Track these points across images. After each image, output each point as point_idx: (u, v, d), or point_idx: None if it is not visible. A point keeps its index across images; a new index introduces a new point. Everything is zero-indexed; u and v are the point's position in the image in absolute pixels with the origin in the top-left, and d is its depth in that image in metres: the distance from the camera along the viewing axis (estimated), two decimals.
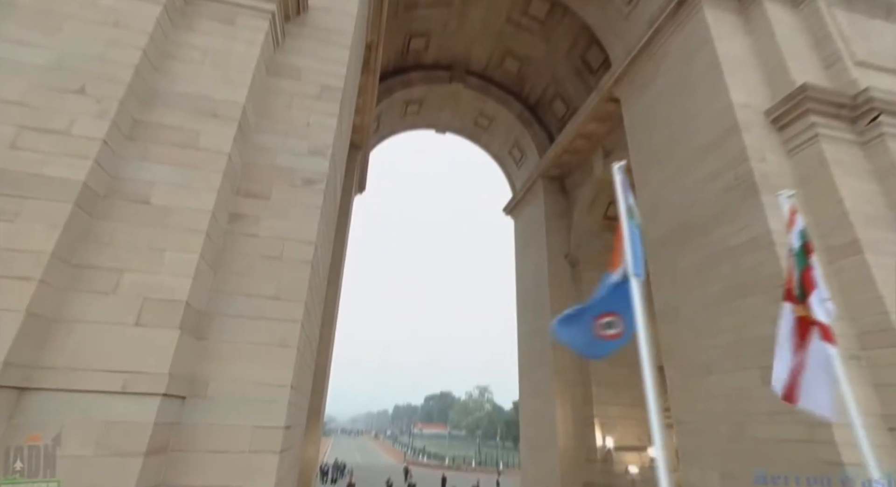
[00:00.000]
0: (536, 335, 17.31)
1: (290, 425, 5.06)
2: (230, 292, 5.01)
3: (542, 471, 15.33)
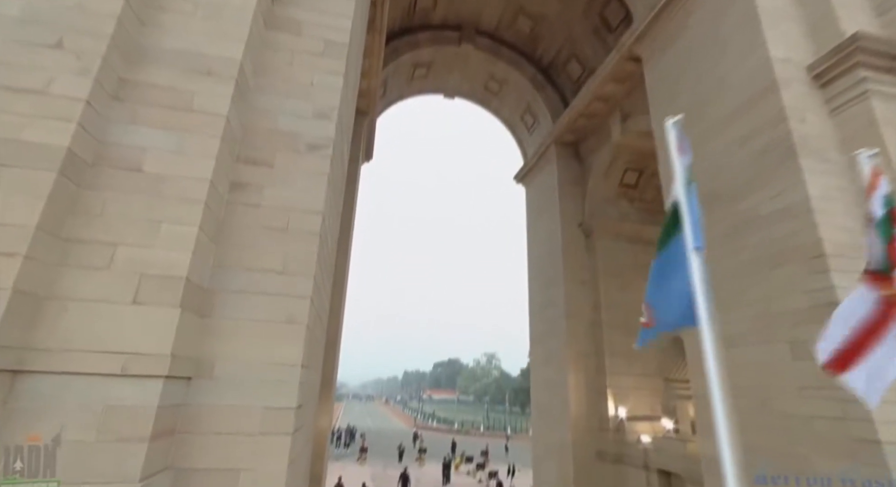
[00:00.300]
0: (549, 304, 17.08)
1: (301, 404, 4.85)
2: (233, 266, 4.70)
3: (553, 439, 15.45)
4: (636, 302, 12.67)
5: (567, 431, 14.45)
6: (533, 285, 19.14)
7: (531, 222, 20.48)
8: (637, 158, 16.91)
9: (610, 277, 16.00)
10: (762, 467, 7.03)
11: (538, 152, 19.79)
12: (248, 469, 4.10)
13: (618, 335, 15.11)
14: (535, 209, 20.21)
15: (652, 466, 12.03)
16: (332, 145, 5.54)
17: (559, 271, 16.71)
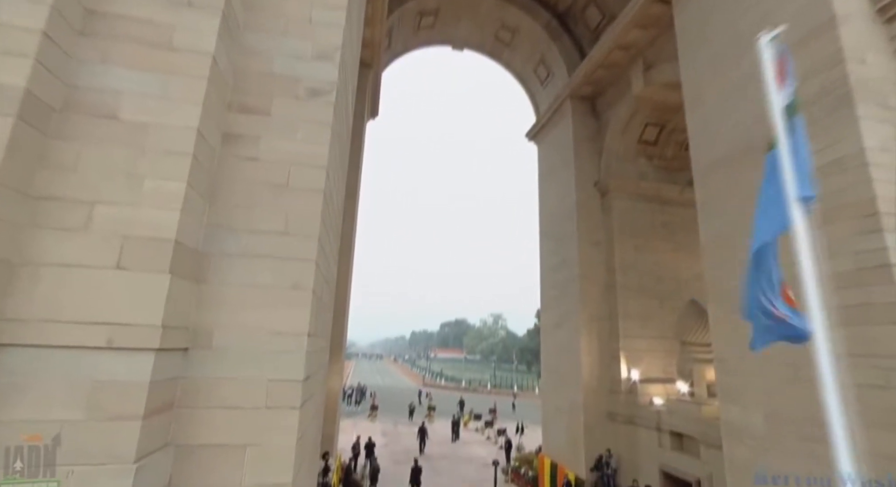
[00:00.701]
0: (562, 266, 16.67)
1: (309, 375, 4.52)
2: (230, 227, 4.24)
3: (563, 400, 15.48)
4: (652, 264, 12.28)
5: (578, 393, 14.41)
6: (544, 246, 18.67)
7: (543, 182, 19.74)
8: (658, 112, 15.92)
9: (626, 237, 15.45)
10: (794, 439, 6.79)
11: (552, 107, 18.75)
12: (254, 445, 3.81)
13: (632, 297, 14.75)
14: (548, 168, 19.41)
15: (664, 428, 11.97)
16: (335, 91, 4.92)
17: (573, 232, 16.17)
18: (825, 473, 6.55)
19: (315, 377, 5.10)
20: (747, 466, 8.08)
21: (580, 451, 13.83)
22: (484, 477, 18.21)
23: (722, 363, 8.86)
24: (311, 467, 5.57)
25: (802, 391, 7.19)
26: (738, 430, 8.34)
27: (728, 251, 9.01)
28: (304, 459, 4.64)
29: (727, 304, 8.88)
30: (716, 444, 10.29)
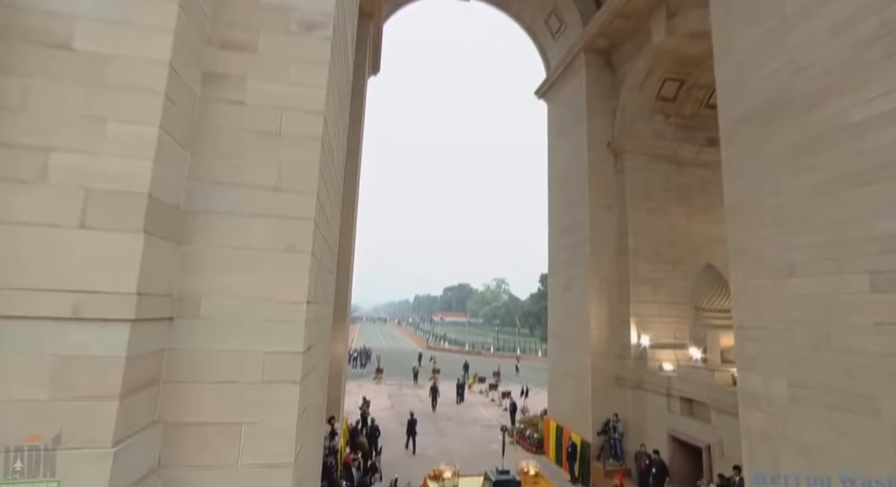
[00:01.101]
0: (571, 230, 16.15)
1: (311, 345, 4.12)
2: (216, 181, 3.72)
3: (570, 365, 15.36)
4: (665, 227, 11.69)
5: (586, 357, 14.25)
6: (553, 209, 18.07)
7: (553, 142, 18.89)
8: (679, 65, 14.89)
9: (639, 200, 14.82)
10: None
11: (564, 62, 17.63)
12: (251, 423, 3.45)
13: (644, 261, 14.30)
14: (558, 127, 18.51)
15: (674, 393, 11.82)
16: (332, 24, 4.25)
17: (583, 195, 15.54)
18: (844, 443, 6.25)
19: (317, 346, 4.72)
20: (764, 434, 7.86)
21: (587, 415, 13.81)
22: (489, 438, 18.47)
23: (743, 331, 8.48)
24: (317, 440, 5.32)
25: (833, 358, 6.83)
26: (756, 398, 8.07)
27: (754, 213, 8.44)
28: (308, 434, 4.33)
29: (751, 268, 8.41)
30: (728, 410, 10.12)
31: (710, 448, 10.41)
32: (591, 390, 13.83)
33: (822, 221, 7.15)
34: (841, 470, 6.56)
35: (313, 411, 4.68)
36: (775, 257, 7.94)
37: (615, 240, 14.87)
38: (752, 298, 8.35)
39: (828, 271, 7.00)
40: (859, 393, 6.46)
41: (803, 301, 7.37)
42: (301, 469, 3.93)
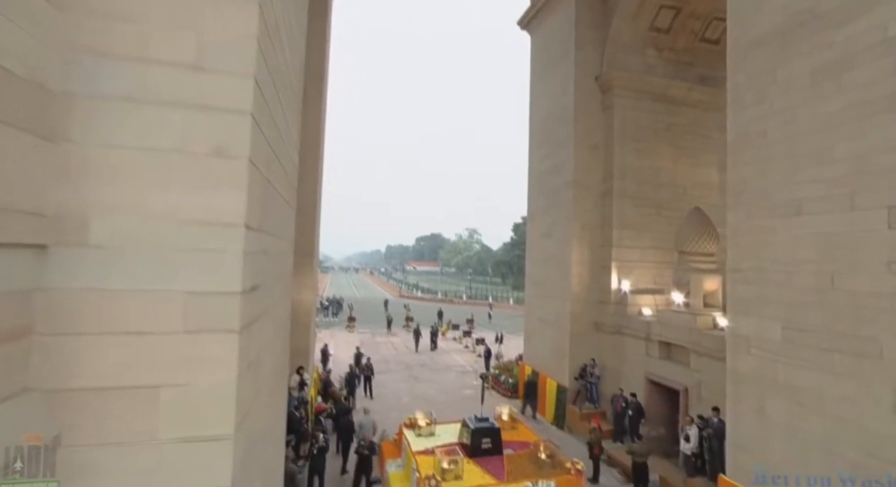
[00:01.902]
0: (554, 171, 15.31)
1: (256, 284, 3.18)
2: (104, 53, 2.55)
3: (549, 312, 15.08)
4: (652, 170, 10.83)
5: (566, 303, 13.93)
6: (535, 150, 17.09)
7: (536, 77, 17.54)
8: None
9: (626, 140, 13.99)
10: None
11: None
12: (172, 385, 2.55)
13: (629, 205, 13.73)
14: (543, 62, 17.11)
15: (654, 337, 11.68)
16: None
17: (568, 135, 14.57)
18: (838, 386, 5.97)
19: (269, 288, 3.78)
20: (752, 377, 7.65)
21: (565, 361, 13.71)
22: (463, 384, 18.50)
23: (737, 273, 8.06)
24: (275, 400, 4.52)
25: (836, 300, 6.45)
26: (746, 341, 7.79)
27: (761, 146, 7.76)
28: (259, 395, 3.48)
29: (753, 208, 7.84)
30: (708, 353, 10.00)
31: (688, 390, 10.39)
32: (570, 335, 13.63)
33: (840, 152, 6.51)
34: (830, 411, 6.40)
35: (267, 365, 3.83)
36: (781, 194, 7.35)
37: (599, 183, 14.16)
38: (751, 239, 7.85)
39: (840, 208, 6.46)
40: (861, 335, 6.14)
41: (808, 241, 6.88)
42: (248, 438, 3.12)
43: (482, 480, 8.31)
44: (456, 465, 8.46)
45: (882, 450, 5.84)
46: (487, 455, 9.14)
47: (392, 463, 9.98)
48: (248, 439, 3.16)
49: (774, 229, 7.45)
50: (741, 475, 7.71)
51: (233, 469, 2.64)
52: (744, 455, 7.74)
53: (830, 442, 6.45)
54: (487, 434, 9.31)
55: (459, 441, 9.67)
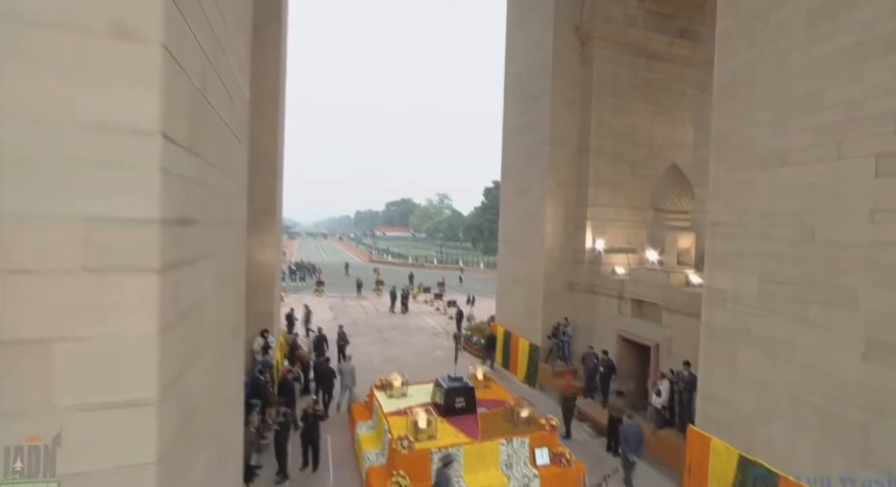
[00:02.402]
0: (529, 129, 14.75)
1: (189, 218, 2.57)
2: None
3: (521, 271, 14.91)
4: (628, 127, 10.41)
5: (539, 263, 13.75)
6: (510, 108, 16.40)
7: (513, 29, 16.62)
8: None
9: (604, 96, 13.51)
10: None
11: None
12: (69, 339, 1.98)
13: (605, 162, 13.43)
14: (520, 13, 16.16)
15: (626, 296, 11.68)
16: None
17: (545, 89, 13.93)
18: (811, 336, 5.96)
19: (210, 228, 3.16)
20: (727, 330, 7.66)
21: (537, 320, 13.67)
22: (435, 346, 18.41)
23: (717, 227, 7.91)
24: (228, 362, 3.97)
25: (815, 251, 6.36)
26: (722, 296, 7.74)
27: (747, 95, 7.44)
28: (201, 354, 2.94)
29: (736, 159, 7.61)
30: (679, 310, 10.05)
31: (659, 346, 10.50)
32: (543, 295, 13.54)
33: (831, 98, 6.24)
34: (800, 360, 6.45)
35: (212, 319, 3.26)
36: (767, 144, 7.11)
37: (576, 139, 13.73)
38: (733, 192, 7.66)
39: (827, 158, 6.26)
40: (837, 286, 6.10)
41: (792, 192, 6.71)
42: (187, 404, 2.60)
43: (456, 439, 8.18)
44: (430, 425, 8.28)
45: (847, 395, 5.94)
46: (461, 414, 9.01)
47: (362, 425, 9.75)
48: (187, 405, 2.64)
49: (756, 182, 7.25)
50: (710, 424, 7.85)
51: (159, 440, 2.13)
52: (713, 405, 7.86)
53: (797, 390, 6.54)
54: (461, 394, 9.15)
55: (432, 401, 9.50)
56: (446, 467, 7.27)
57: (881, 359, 5.63)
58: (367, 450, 8.67)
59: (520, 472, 8.02)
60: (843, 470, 5.88)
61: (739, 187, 7.54)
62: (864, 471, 5.77)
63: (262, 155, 10.45)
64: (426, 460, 7.71)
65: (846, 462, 5.96)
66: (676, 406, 9.05)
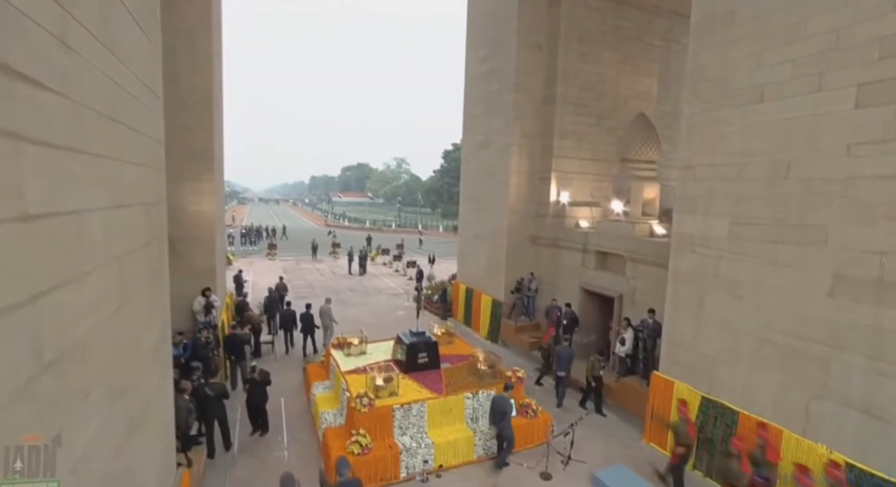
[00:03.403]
0: (493, 75, 13.92)
1: None
2: None
3: (484, 227, 14.46)
4: (595, 76, 9.61)
5: (503, 217, 13.31)
6: (472, 54, 15.41)
7: None
8: None
9: (572, 41, 12.84)
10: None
11: None
12: None
13: (570, 112, 12.92)
14: None
15: (591, 248, 11.51)
16: None
17: (510, 33, 13.06)
18: (778, 276, 5.86)
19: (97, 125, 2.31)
20: (694, 275, 7.55)
21: (500, 276, 13.37)
22: (395, 306, 17.93)
23: (689, 170, 7.65)
24: (142, 312, 3.18)
25: (788, 190, 6.19)
26: (691, 240, 7.58)
27: (726, 28, 7.03)
28: (76, 291, 2.17)
29: (711, 98, 7.26)
30: (644, 260, 9.97)
31: (622, 297, 10.45)
32: (506, 250, 13.19)
33: (815, 26, 5.89)
34: (766, 300, 6.41)
35: (95, 245, 2.47)
36: (744, 80, 6.77)
37: (542, 87, 13.08)
38: (706, 133, 7.36)
39: (807, 90, 5.98)
40: (809, 224, 5.99)
41: (767, 129, 6.46)
42: (40, 341, 1.86)
43: (419, 394, 7.78)
44: (391, 381, 7.82)
45: (811, 332, 5.97)
46: (424, 369, 8.60)
47: (318, 386, 9.17)
48: (53, 346, 1.91)
49: (732, 120, 6.96)
50: (673, 368, 7.87)
51: None
52: (677, 350, 7.85)
53: (762, 330, 6.54)
54: (424, 349, 8.72)
55: (393, 358, 9.03)
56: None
57: (846, 294, 5.62)
58: (323, 411, 8.14)
59: (486, 425, 7.78)
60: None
61: (713, 126, 7.24)
62: (820, 403, 5.88)
63: (195, 90, 9.12)
64: (388, 418, 7.29)
65: (804, 395, 6.05)
66: (641, 354, 9.06)
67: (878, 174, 5.33)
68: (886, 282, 5.24)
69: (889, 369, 5.27)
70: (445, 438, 7.43)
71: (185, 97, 8.88)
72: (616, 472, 7.03)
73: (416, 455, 7.14)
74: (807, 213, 6.03)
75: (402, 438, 7.29)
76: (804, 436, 6.02)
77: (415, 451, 7.13)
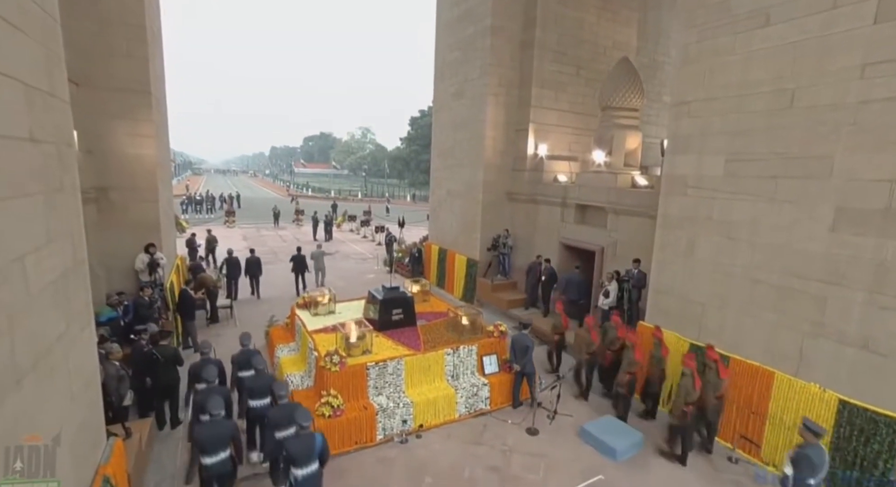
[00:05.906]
0: (467, 18, 12.89)
1: None
2: None
3: (457, 183, 13.72)
4: (575, 22, 8.17)
5: (478, 171, 12.61)
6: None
7: None
8: None
9: None
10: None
11: None
12: None
13: (549, 60, 12.16)
14: None
15: (570, 202, 11.04)
16: None
17: None
18: (778, 213, 5.45)
19: None
20: (686, 219, 7.17)
21: (476, 233, 12.76)
22: (364, 270, 17.16)
23: (681, 107, 7.13)
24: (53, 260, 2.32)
25: (792, 120, 5.77)
26: (682, 182, 7.15)
27: None
28: None
29: (710, 25, 6.69)
30: (626, 211, 9.58)
31: (604, 250, 10.09)
32: (482, 206, 12.56)
33: None
34: (762, 240, 6.10)
35: None
36: (747, 3, 6.21)
37: (519, 31, 12.21)
38: (702, 65, 6.82)
39: (820, 8, 5.48)
40: (812, 156, 5.61)
41: (772, 56, 5.96)
42: None
43: (396, 351, 7.17)
44: (363, 338, 7.16)
45: (808, 269, 5.71)
46: (400, 327, 7.98)
47: (283, 348, 8.41)
48: None
49: (732, 48, 6.43)
50: (660, 317, 7.59)
51: None
52: (665, 297, 7.55)
53: (756, 271, 6.25)
54: (399, 304, 8.06)
55: (365, 316, 8.34)
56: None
57: (848, 228, 5.32)
58: (289, 374, 7.43)
59: (467, 381, 7.31)
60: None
61: (710, 57, 6.70)
62: (814, 341, 5.68)
63: (123, 6, 7.74)
64: (361, 377, 6.65)
65: (798, 335, 5.84)
66: (626, 304, 8.75)
67: (892, 96, 4.94)
68: (894, 210, 4.94)
69: (890, 302, 5.05)
70: (425, 396, 6.89)
71: (107, 16, 7.52)
72: (604, 423, 6.74)
73: (394, 416, 6.58)
74: (811, 144, 5.64)
75: (377, 398, 6.70)
76: (796, 376, 5.83)
77: (392, 411, 6.57)
